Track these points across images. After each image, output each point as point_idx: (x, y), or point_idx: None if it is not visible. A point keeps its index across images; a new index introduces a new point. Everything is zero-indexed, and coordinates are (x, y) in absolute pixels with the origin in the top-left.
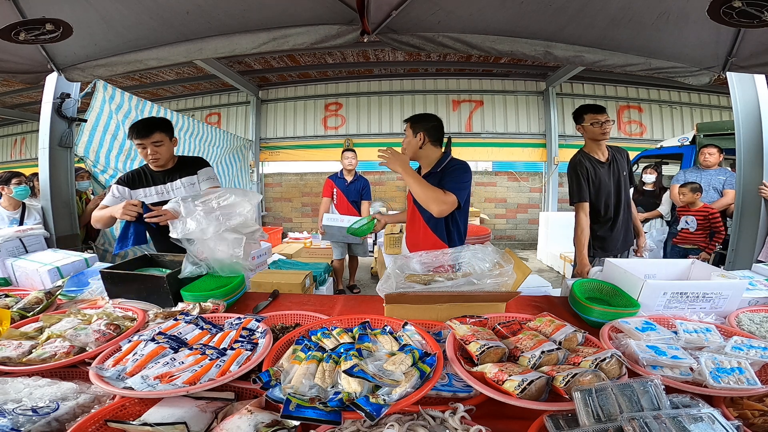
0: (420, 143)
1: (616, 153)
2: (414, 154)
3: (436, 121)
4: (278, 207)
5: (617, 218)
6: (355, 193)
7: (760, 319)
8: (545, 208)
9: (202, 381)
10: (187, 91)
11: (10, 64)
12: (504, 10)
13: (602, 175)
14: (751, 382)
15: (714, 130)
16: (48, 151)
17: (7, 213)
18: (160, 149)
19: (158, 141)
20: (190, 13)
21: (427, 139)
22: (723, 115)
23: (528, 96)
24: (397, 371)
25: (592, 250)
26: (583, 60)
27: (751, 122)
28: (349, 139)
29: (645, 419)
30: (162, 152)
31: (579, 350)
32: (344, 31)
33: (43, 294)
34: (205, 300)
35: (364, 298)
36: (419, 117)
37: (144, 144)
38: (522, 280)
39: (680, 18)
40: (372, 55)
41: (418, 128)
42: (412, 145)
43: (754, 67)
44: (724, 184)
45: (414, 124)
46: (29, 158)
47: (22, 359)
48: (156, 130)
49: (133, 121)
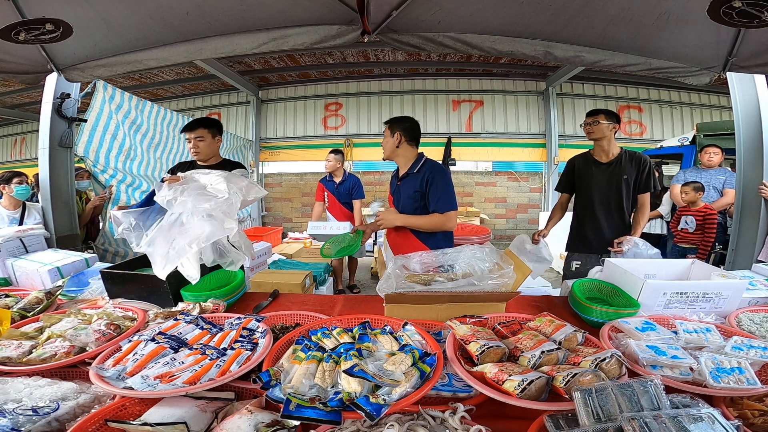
0: (397, 142)
1: (627, 157)
2: (392, 153)
3: (411, 122)
4: (278, 207)
5: (598, 217)
6: (346, 194)
7: (760, 319)
8: (545, 208)
9: (202, 381)
10: (187, 91)
11: (10, 65)
12: (504, 10)
13: (593, 174)
14: (751, 382)
15: (714, 130)
16: (48, 151)
17: (8, 213)
18: (201, 144)
19: (200, 136)
20: (190, 14)
21: (403, 138)
22: (723, 115)
23: (528, 96)
24: (397, 371)
25: (571, 243)
26: (583, 60)
27: (751, 122)
28: (349, 139)
29: (645, 419)
30: (202, 147)
31: (579, 350)
32: (344, 31)
33: (44, 294)
34: (205, 300)
35: (364, 298)
36: (396, 118)
37: (189, 138)
38: (522, 280)
39: (680, 18)
40: (372, 55)
41: (395, 128)
42: (390, 144)
43: (754, 67)
44: (724, 183)
45: (392, 125)
46: (29, 158)
47: (22, 359)
48: (200, 126)
49: (134, 121)
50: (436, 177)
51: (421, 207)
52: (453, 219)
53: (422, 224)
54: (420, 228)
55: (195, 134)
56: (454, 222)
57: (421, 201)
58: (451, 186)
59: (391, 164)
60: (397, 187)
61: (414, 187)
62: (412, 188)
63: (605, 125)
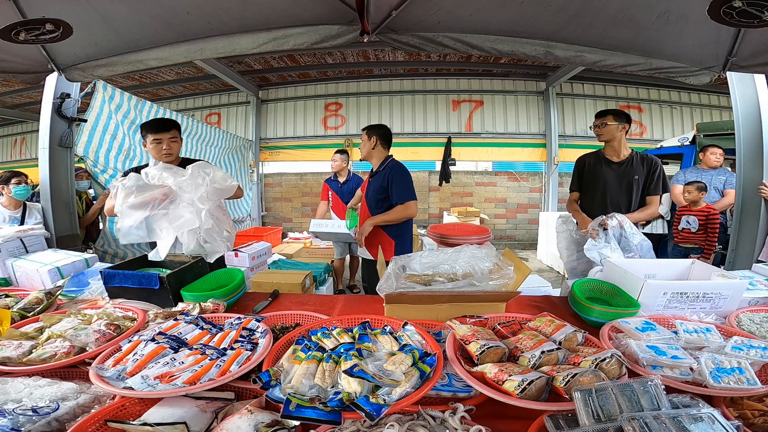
0: (373, 144)
1: (638, 158)
2: (368, 153)
3: (385, 128)
4: (278, 207)
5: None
6: (349, 194)
7: (760, 319)
8: (545, 208)
9: (202, 381)
10: (187, 91)
11: (11, 64)
12: (504, 10)
13: (604, 173)
14: (751, 382)
15: (714, 130)
16: (48, 151)
17: (9, 213)
18: (174, 145)
19: (174, 137)
20: (191, 14)
21: (378, 141)
22: (723, 115)
23: (528, 96)
24: (397, 371)
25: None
26: (583, 60)
27: (751, 122)
28: (349, 139)
29: (645, 419)
30: (174, 149)
31: (579, 350)
32: (344, 31)
33: (44, 294)
34: (205, 300)
35: (364, 298)
36: (373, 126)
37: (161, 139)
38: (522, 280)
39: (680, 18)
40: (372, 55)
41: (372, 133)
42: (367, 146)
43: (754, 67)
44: (725, 183)
45: (369, 130)
46: (29, 158)
47: (22, 359)
48: (173, 127)
49: (133, 121)
50: (395, 174)
51: (383, 199)
52: (412, 207)
53: (389, 218)
54: (389, 221)
55: (170, 135)
56: (414, 210)
57: (383, 194)
58: (410, 180)
59: None
60: (369, 182)
61: (379, 183)
62: (378, 183)
63: (614, 126)
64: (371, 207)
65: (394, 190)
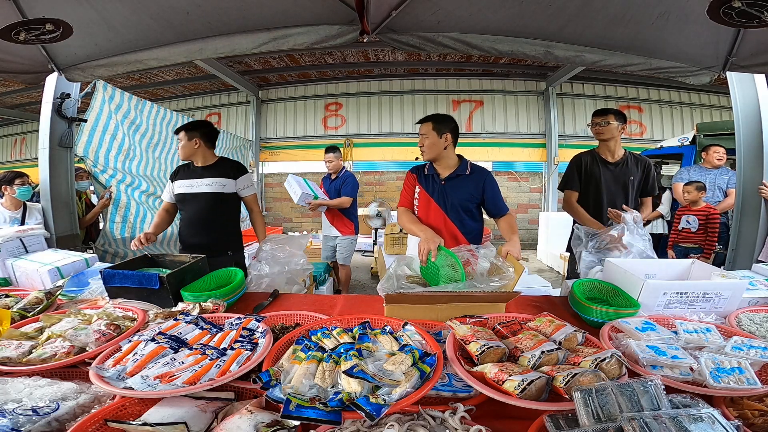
0: (446, 144)
1: (632, 159)
2: (437, 155)
3: (455, 122)
4: (278, 207)
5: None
6: (334, 191)
7: (760, 319)
8: (545, 208)
9: (202, 381)
10: (187, 91)
11: (11, 64)
12: (504, 10)
13: (601, 173)
14: (751, 382)
15: (714, 130)
16: (48, 151)
17: (9, 213)
18: (180, 146)
19: (179, 140)
20: (191, 14)
21: (451, 140)
22: (723, 115)
23: (528, 96)
24: (397, 371)
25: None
26: (583, 60)
27: (751, 122)
28: (349, 139)
29: (645, 419)
30: (180, 149)
31: (579, 350)
32: (344, 31)
33: (44, 294)
34: (205, 300)
35: (364, 298)
36: (442, 117)
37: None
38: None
39: (680, 18)
40: (372, 55)
41: (443, 129)
42: (438, 146)
43: (754, 67)
44: (728, 183)
45: (438, 124)
46: (29, 158)
47: (22, 359)
48: (181, 131)
49: (133, 121)
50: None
51: (475, 207)
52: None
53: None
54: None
55: (178, 137)
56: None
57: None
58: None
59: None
60: (442, 187)
61: (471, 187)
62: (467, 190)
63: (615, 126)
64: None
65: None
